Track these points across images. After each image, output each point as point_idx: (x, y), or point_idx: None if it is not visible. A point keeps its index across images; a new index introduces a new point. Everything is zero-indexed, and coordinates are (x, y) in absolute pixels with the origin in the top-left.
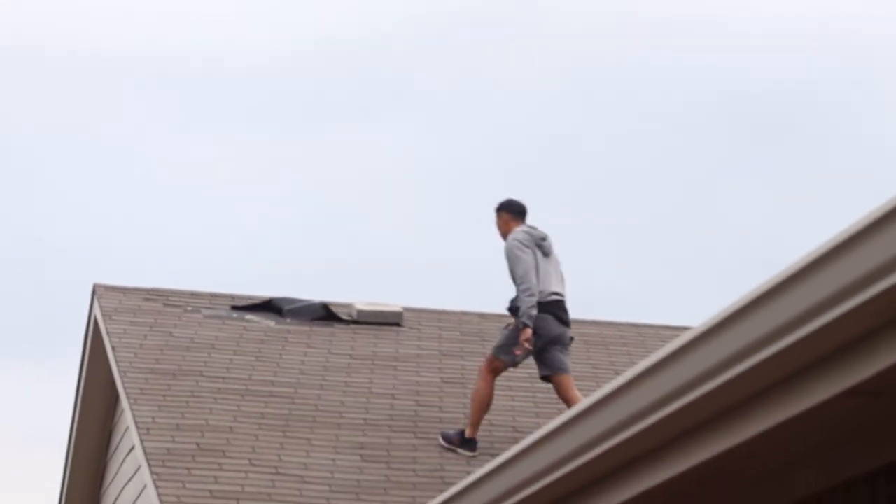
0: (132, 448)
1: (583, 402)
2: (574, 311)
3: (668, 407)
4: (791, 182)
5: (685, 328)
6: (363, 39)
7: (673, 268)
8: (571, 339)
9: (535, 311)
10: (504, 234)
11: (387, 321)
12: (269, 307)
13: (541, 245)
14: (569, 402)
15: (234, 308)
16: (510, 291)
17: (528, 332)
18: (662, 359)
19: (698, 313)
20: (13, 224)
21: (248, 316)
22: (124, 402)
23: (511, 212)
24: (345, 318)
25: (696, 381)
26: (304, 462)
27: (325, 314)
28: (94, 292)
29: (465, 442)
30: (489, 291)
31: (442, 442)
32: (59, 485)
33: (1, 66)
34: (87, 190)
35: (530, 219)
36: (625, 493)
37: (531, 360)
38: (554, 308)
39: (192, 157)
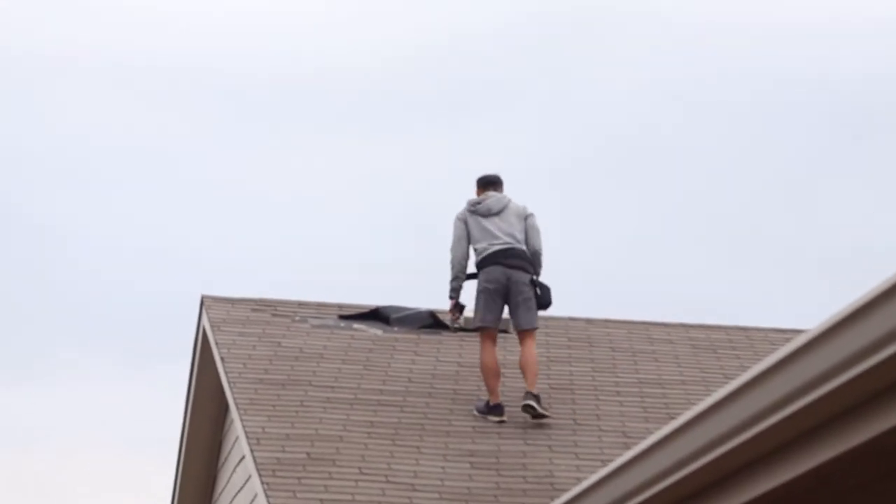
0: (242, 458)
1: (695, 409)
2: (682, 316)
3: (780, 412)
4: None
5: (794, 331)
6: (458, 41)
7: (780, 269)
8: (535, 282)
9: (455, 284)
10: None
11: (457, 326)
12: (376, 316)
13: (475, 210)
14: (523, 356)
15: (342, 317)
16: (607, 293)
17: (451, 303)
18: (774, 364)
19: (805, 315)
20: (121, 235)
21: (356, 325)
22: (234, 412)
23: (478, 185)
24: (452, 325)
25: (810, 385)
26: (414, 470)
27: (432, 322)
28: (202, 303)
29: (491, 409)
30: (596, 296)
31: (475, 413)
32: (169, 494)
33: (99, 79)
34: (192, 201)
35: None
36: (736, 500)
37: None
38: (498, 257)
39: (284, 165)
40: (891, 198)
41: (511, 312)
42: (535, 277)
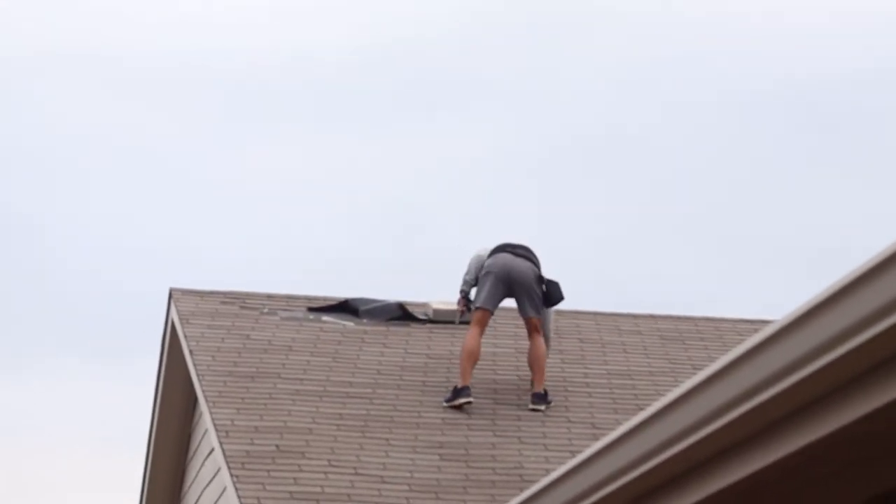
0: (211, 451)
1: (663, 399)
2: (651, 307)
3: (749, 403)
4: (865, 170)
5: (762, 321)
6: (430, 37)
7: (747, 260)
8: (541, 278)
9: (467, 277)
10: None
11: (463, 320)
12: (345, 308)
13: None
14: (530, 352)
15: (311, 309)
16: (581, 289)
17: (460, 297)
18: (742, 354)
19: (774, 306)
20: (89, 227)
21: (325, 317)
22: (203, 405)
23: None
24: (421, 317)
25: (778, 375)
26: (383, 462)
27: (401, 314)
28: (170, 296)
29: (458, 391)
30: (572, 290)
31: (444, 404)
32: (139, 488)
33: (70, 71)
34: (161, 193)
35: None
36: (705, 490)
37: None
38: (505, 247)
39: (259, 158)
40: (865, 193)
41: (517, 303)
42: (541, 274)
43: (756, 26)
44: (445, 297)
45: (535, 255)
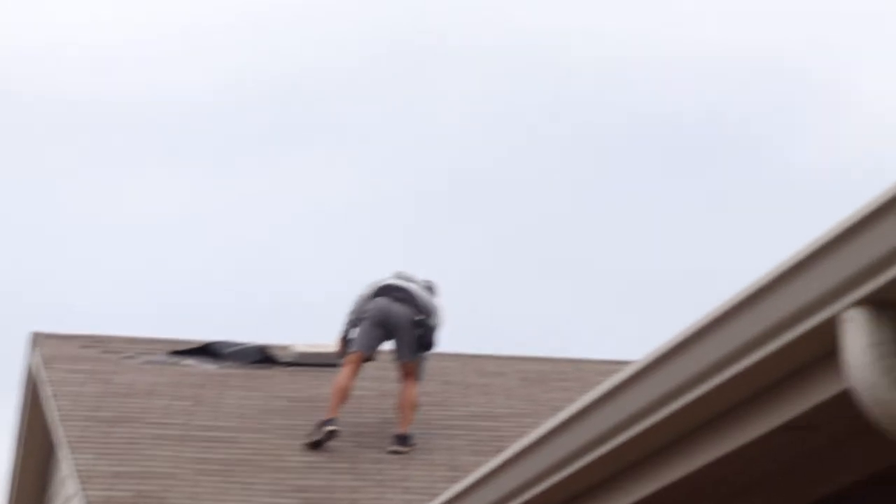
0: (72, 496)
1: (522, 441)
2: (512, 348)
3: (610, 443)
4: (725, 209)
5: (622, 362)
6: (283, 78)
7: (608, 301)
8: (418, 322)
9: (351, 317)
10: None
11: (328, 362)
12: (207, 351)
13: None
14: (399, 396)
15: (172, 353)
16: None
17: (340, 338)
18: (603, 395)
19: (632, 347)
20: None
21: (187, 361)
22: (63, 450)
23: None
24: (283, 360)
25: (639, 415)
26: None
27: (262, 357)
28: (32, 339)
29: (324, 422)
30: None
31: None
32: None
33: None
34: (19, 235)
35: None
36: None
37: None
38: (384, 290)
39: (116, 200)
40: (728, 227)
41: (395, 347)
42: (418, 318)
43: (613, 60)
44: (311, 339)
45: (415, 299)
